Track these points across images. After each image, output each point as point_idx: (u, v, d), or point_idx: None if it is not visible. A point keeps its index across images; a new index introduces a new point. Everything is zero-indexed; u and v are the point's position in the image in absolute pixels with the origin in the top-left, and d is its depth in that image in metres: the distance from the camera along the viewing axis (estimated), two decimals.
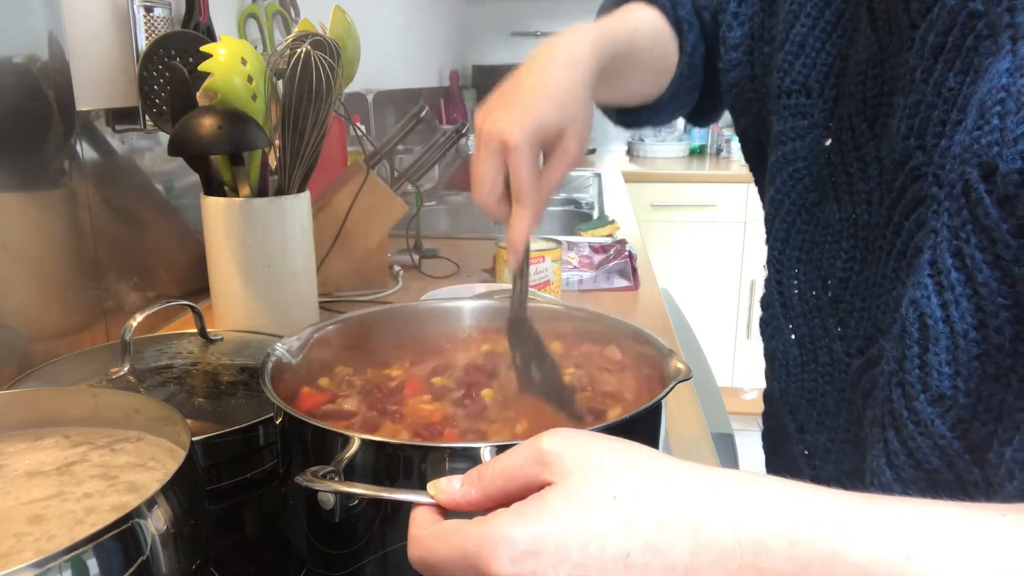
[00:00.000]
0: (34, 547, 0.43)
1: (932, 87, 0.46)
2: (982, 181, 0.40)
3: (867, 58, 0.54)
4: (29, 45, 0.82)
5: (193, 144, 0.80)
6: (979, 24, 0.43)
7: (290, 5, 1.49)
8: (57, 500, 0.47)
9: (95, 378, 0.70)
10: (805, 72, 0.60)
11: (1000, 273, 0.41)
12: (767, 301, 0.66)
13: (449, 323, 0.72)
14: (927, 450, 0.46)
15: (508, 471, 0.36)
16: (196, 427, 0.62)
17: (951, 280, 0.43)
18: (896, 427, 0.47)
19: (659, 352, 0.59)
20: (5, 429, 0.54)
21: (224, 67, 0.79)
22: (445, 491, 0.38)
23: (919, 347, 0.44)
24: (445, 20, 3.24)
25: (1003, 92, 0.39)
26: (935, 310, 0.43)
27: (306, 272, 0.94)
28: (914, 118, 0.47)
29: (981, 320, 0.42)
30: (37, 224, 0.84)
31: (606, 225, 1.64)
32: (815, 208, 0.60)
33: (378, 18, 2.18)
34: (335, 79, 0.85)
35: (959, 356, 0.43)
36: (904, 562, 0.29)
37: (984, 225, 0.41)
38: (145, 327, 0.76)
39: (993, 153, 0.40)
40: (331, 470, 0.44)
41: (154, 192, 1.08)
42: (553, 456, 0.34)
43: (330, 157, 1.34)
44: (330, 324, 0.66)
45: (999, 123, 0.39)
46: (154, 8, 1.00)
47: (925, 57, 0.46)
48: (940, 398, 0.44)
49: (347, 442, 0.45)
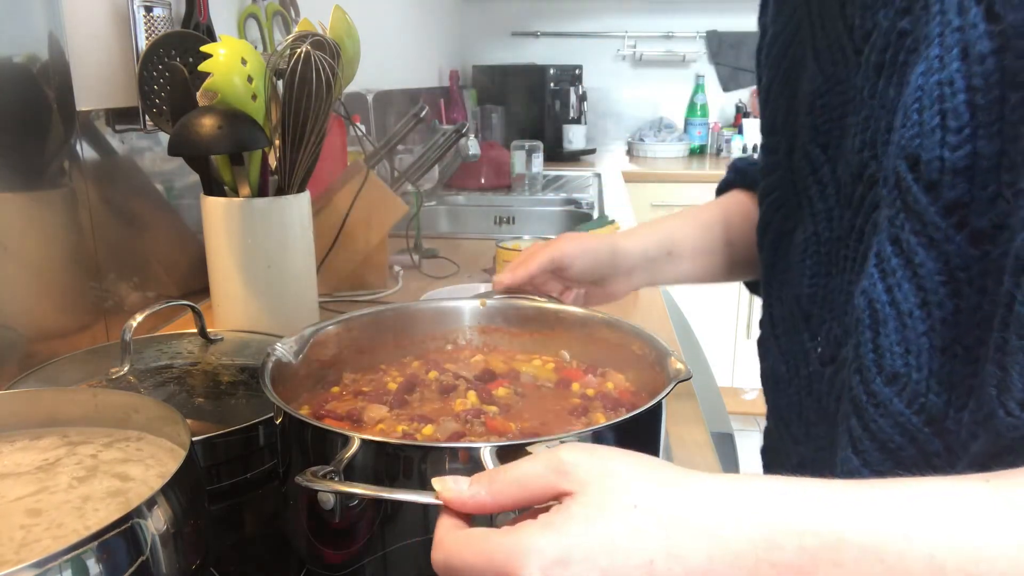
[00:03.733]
0: (47, 535, 0.43)
1: (877, 101, 0.51)
2: (909, 171, 0.45)
3: (812, 89, 0.60)
4: (29, 45, 0.82)
5: (193, 144, 0.80)
6: (908, 40, 0.48)
7: (290, 5, 1.48)
8: (46, 494, 0.47)
9: (95, 378, 0.70)
10: (771, 115, 0.67)
11: (935, 252, 0.45)
12: (762, 322, 0.71)
13: (449, 323, 0.72)
14: (888, 429, 0.49)
15: (524, 479, 0.37)
16: (196, 427, 0.62)
17: (892, 265, 0.47)
18: (857, 413, 0.50)
19: (659, 352, 0.59)
20: (5, 429, 0.54)
21: (224, 67, 0.79)
22: (452, 489, 0.38)
23: (871, 331, 0.48)
24: (445, 20, 3.24)
25: (919, 91, 0.45)
26: (881, 295, 0.48)
27: (306, 272, 0.94)
28: (866, 132, 0.52)
29: (923, 299, 0.46)
30: (37, 224, 0.84)
31: (606, 225, 1.64)
32: (790, 235, 0.66)
33: (378, 18, 2.18)
34: (335, 79, 0.85)
35: (907, 335, 0.47)
36: (904, 538, 0.32)
37: (915, 211, 0.45)
38: (145, 327, 0.76)
39: (916, 145, 0.45)
40: (331, 470, 0.44)
41: (154, 192, 1.08)
42: (571, 466, 0.36)
43: (330, 157, 1.33)
44: (330, 324, 0.66)
45: (918, 118, 0.45)
46: (154, 8, 1.00)
47: (870, 75, 0.52)
48: (895, 377, 0.48)
49: (347, 442, 0.45)
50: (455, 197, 2.22)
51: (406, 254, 1.41)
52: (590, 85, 3.38)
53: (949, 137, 0.43)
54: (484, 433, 0.56)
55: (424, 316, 0.72)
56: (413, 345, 0.72)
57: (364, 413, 0.58)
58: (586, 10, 3.50)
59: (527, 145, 2.37)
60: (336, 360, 0.67)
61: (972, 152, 0.43)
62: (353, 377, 0.67)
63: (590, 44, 3.54)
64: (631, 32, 3.51)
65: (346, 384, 0.66)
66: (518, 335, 0.72)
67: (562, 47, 3.54)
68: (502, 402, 0.61)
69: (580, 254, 0.78)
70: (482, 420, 0.57)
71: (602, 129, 3.59)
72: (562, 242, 0.79)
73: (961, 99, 0.43)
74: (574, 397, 0.63)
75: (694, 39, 3.50)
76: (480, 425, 0.57)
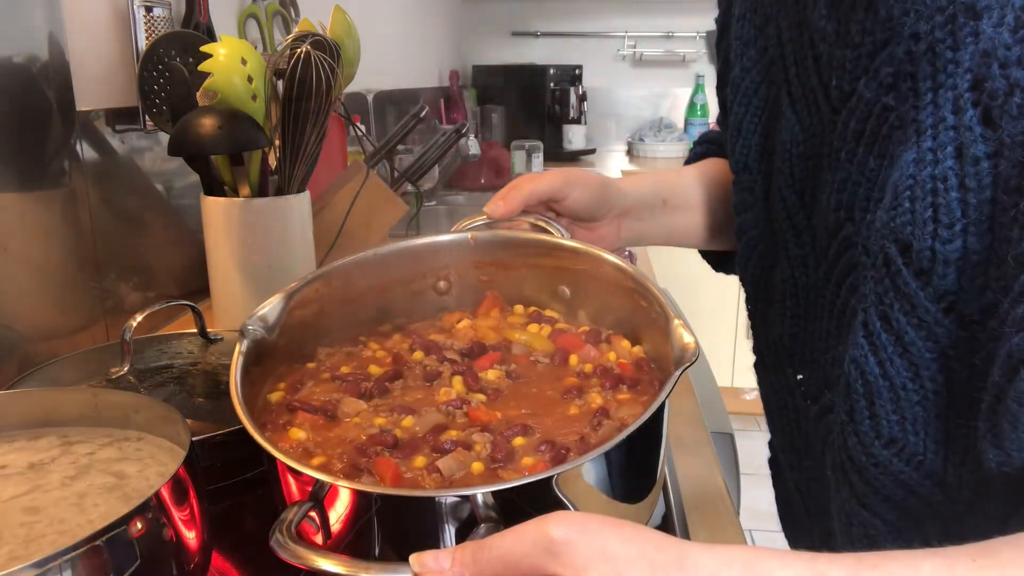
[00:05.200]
0: (51, 530, 0.43)
1: (856, 167, 0.51)
2: (900, 255, 0.46)
3: (790, 138, 0.59)
4: (29, 45, 0.82)
5: (193, 144, 0.80)
6: (891, 116, 0.48)
7: (290, 5, 1.48)
8: (40, 492, 0.47)
9: (95, 378, 0.70)
10: (744, 153, 0.66)
11: (925, 332, 0.46)
12: (754, 349, 0.71)
13: (441, 260, 0.67)
14: (891, 486, 0.51)
15: (510, 558, 0.35)
16: (196, 427, 0.62)
17: (882, 341, 0.48)
18: (858, 471, 0.52)
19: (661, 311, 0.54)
20: (4, 429, 0.54)
21: (224, 67, 0.79)
22: (432, 570, 0.36)
23: (866, 400, 0.50)
24: (445, 20, 3.24)
25: (911, 180, 0.45)
26: (873, 367, 0.49)
27: (306, 272, 0.94)
28: (842, 193, 0.52)
29: (915, 372, 0.47)
30: (37, 224, 0.84)
31: None
32: (770, 271, 0.66)
33: (378, 18, 2.18)
34: (335, 79, 0.85)
35: (902, 404, 0.48)
36: None
37: (905, 293, 0.46)
38: (145, 327, 0.76)
39: (907, 232, 0.45)
40: (310, 505, 0.42)
41: (154, 192, 1.08)
42: (563, 547, 0.34)
43: (330, 157, 1.33)
44: (305, 284, 0.61)
45: (910, 206, 0.45)
46: (154, 8, 1.00)
47: (848, 140, 0.52)
48: (892, 441, 0.49)
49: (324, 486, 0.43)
50: (455, 197, 2.22)
51: None
52: (590, 85, 3.37)
53: (941, 231, 0.44)
54: (466, 424, 0.53)
55: (411, 255, 0.67)
56: (401, 287, 0.67)
57: (339, 407, 0.55)
58: (586, 10, 3.50)
59: (527, 145, 2.37)
60: (318, 319, 0.62)
61: (963, 246, 0.44)
62: (328, 351, 0.63)
63: (590, 44, 3.54)
64: (631, 32, 3.51)
65: (321, 360, 0.62)
66: (515, 268, 0.67)
67: (562, 47, 3.54)
68: (491, 387, 0.57)
69: (578, 183, 0.71)
70: (464, 411, 0.54)
71: (602, 129, 3.59)
72: (555, 173, 0.72)
73: (954, 196, 0.44)
74: (570, 375, 0.59)
75: (694, 39, 3.50)
76: (463, 416, 0.54)
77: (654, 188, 0.79)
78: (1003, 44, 0.42)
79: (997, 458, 0.42)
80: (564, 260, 0.65)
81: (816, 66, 0.55)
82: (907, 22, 0.46)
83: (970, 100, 0.43)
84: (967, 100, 0.43)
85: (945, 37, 0.44)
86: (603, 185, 0.73)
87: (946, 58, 0.44)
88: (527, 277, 0.67)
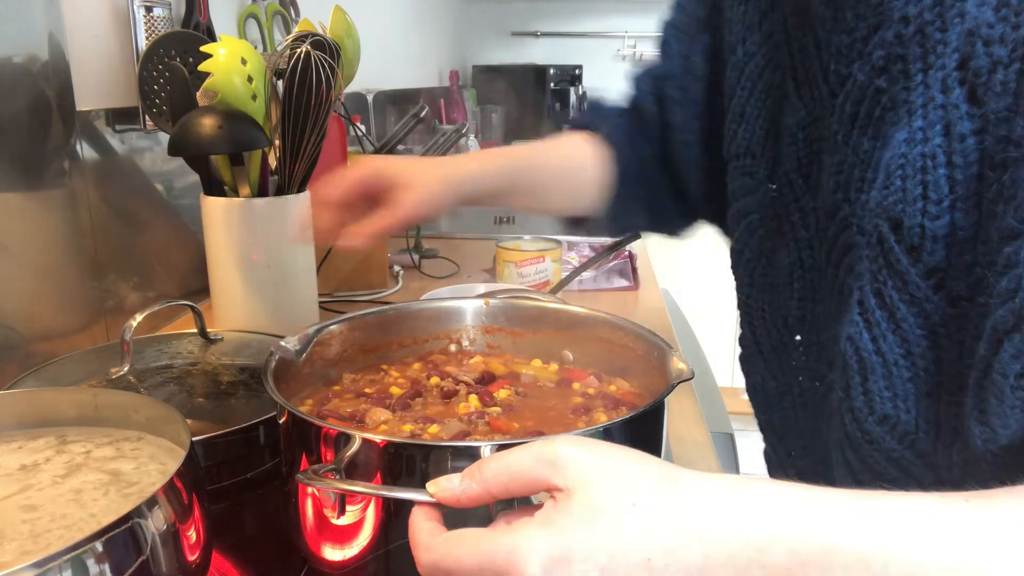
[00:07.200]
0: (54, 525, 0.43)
1: (851, 149, 0.52)
2: (892, 233, 0.47)
3: (795, 122, 0.60)
4: (29, 45, 0.82)
5: (193, 144, 0.80)
6: (883, 98, 0.49)
7: (290, 5, 1.49)
8: (33, 491, 0.47)
9: (95, 378, 0.70)
10: (747, 137, 0.66)
11: (916, 309, 0.48)
12: (743, 340, 0.71)
13: (452, 323, 0.72)
14: (884, 463, 0.52)
15: (514, 469, 0.37)
16: (196, 427, 0.62)
17: (876, 317, 0.49)
18: (853, 447, 0.53)
19: (661, 351, 0.59)
20: (4, 429, 0.54)
21: (224, 67, 0.79)
22: (445, 488, 0.38)
23: (860, 376, 0.51)
24: (445, 20, 3.24)
25: (902, 159, 0.47)
26: (867, 344, 0.50)
27: (306, 272, 0.94)
28: (839, 175, 0.54)
29: (907, 349, 0.49)
30: (37, 224, 0.84)
31: None
32: (772, 255, 0.66)
33: (378, 18, 2.18)
34: (335, 79, 0.85)
35: (894, 381, 0.50)
36: (890, 549, 0.33)
37: (897, 270, 0.48)
38: (145, 327, 0.76)
39: (898, 210, 0.47)
40: (332, 468, 0.44)
41: (154, 192, 1.08)
42: (568, 461, 0.36)
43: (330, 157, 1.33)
44: (334, 323, 0.66)
45: (901, 184, 0.47)
46: (154, 8, 1.00)
47: (844, 123, 0.53)
48: (885, 417, 0.51)
49: (349, 440, 0.45)
50: None
51: (406, 254, 1.41)
52: (590, 85, 3.37)
53: (930, 207, 0.46)
54: (488, 432, 0.56)
55: (427, 316, 0.72)
56: (416, 345, 0.72)
57: (367, 415, 0.59)
58: (586, 10, 3.50)
59: None
60: (339, 359, 0.67)
61: (950, 223, 0.45)
62: (353, 377, 0.67)
63: (590, 44, 3.54)
64: (631, 32, 3.51)
65: (347, 384, 0.66)
66: (521, 335, 0.72)
67: (562, 47, 3.53)
68: (504, 403, 0.61)
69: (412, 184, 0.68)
70: (486, 420, 0.57)
71: None
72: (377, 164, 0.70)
73: (942, 173, 0.45)
74: (575, 396, 0.63)
75: None
76: (484, 425, 0.57)
77: (505, 170, 0.75)
78: (986, 23, 0.43)
79: (983, 435, 0.43)
80: (565, 324, 0.70)
81: (817, 51, 0.56)
82: (897, 6, 0.48)
83: (957, 79, 0.44)
84: (954, 79, 0.44)
85: (934, 19, 0.46)
86: (443, 181, 0.70)
87: (935, 39, 0.45)
88: (532, 343, 0.72)
